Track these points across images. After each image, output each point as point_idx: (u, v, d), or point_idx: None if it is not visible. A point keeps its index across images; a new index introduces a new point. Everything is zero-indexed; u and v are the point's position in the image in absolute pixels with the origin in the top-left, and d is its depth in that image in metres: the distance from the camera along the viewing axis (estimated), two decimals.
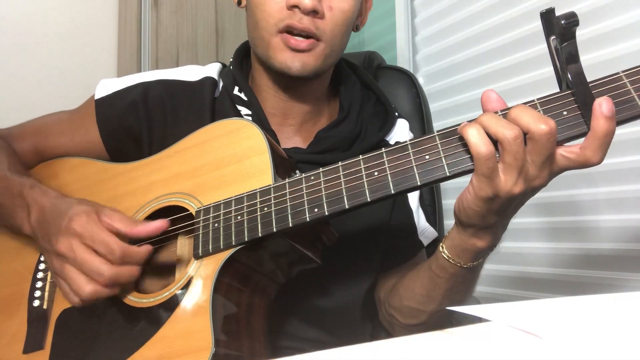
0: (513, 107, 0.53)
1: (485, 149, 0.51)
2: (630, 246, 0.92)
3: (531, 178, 0.52)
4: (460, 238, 0.61)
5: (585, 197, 1.00)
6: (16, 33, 1.52)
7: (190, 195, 0.68)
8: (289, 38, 0.72)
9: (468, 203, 0.56)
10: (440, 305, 0.70)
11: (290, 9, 0.71)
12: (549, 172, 0.53)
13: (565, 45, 0.51)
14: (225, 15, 1.79)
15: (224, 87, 0.84)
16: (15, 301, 0.73)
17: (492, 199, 0.54)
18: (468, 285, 0.69)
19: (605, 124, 0.49)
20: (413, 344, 0.34)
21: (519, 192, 0.53)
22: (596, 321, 0.38)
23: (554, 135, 0.50)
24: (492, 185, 0.53)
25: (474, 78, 1.25)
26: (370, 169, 0.58)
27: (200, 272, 0.63)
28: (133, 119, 0.80)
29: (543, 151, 0.51)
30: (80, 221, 0.63)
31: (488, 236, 0.59)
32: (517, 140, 0.50)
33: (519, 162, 0.51)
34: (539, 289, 1.08)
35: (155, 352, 0.60)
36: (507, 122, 0.51)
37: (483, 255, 0.63)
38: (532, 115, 0.50)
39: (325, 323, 0.79)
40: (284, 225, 0.60)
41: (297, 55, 0.73)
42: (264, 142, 0.66)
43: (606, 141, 0.50)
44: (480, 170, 0.52)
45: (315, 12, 0.71)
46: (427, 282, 0.69)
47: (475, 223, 0.58)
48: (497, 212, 0.56)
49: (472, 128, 0.52)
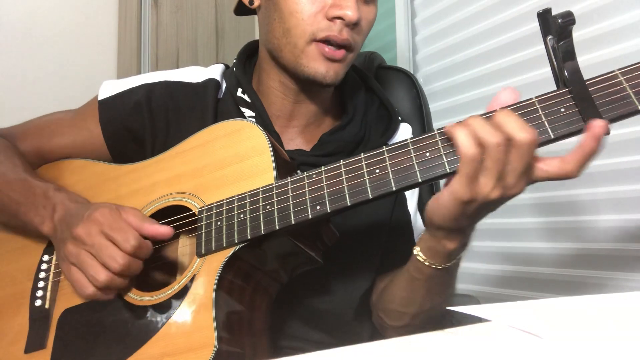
0: (498, 111, 0.54)
1: (472, 150, 0.52)
2: (630, 246, 0.92)
3: (508, 186, 0.54)
4: (432, 240, 0.62)
5: (585, 197, 1.00)
6: (16, 33, 1.52)
7: (192, 195, 0.68)
8: (324, 47, 0.72)
9: (444, 204, 0.57)
10: (421, 307, 0.71)
11: (331, 19, 0.71)
12: (526, 181, 0.54)
13: (562, 43, 0.52)
14: (225, 15, 1.79)
15: (227, 88, 0.84)
16: (17, 301, 0.73)
17: (469, 202, 0.55)
18: (446, 287, 0.70)
19: (595, 144, 0.51)
20: (413, 344, 0.34)
21: (495, 198, 0.54)
22: (596, 321, 0.38)
23: (535, 145, 0.52)
24: (471, 187, 0.54)
25: (474, 78, 1.25)
26: (371, 166, 0.58)
27: (203, 270, 0.63)
28: (136, 120, 0.81)
29: (523, 159, 0.52)
30: (103, 211, 0.64)
31: (459, 238, 0.61)
32: (499, 147, 0.52)
33: (499, 168, 0.52)
34: (539, 289, 1.09)
35: (158, 349, 0.61)
36: (492, 128, 0.52)
37: (456, 256, 0.64)
38: (517, 123, 0.52)
39: (325, 322, 0.80)
40: (286, 222, 0.60)
41: (332, 65, 0.73)
42: (265, 143, 0.66)
43: (590, 159, 0.52)
44: (465, 170, 0.53)
45: (356, 25, 0.72)
46: (406, 284, 0.70)
47: (448, 225, 0.59)
48: (470, 216, 0.57)
49: (461, 130, 0.53)
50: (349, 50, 0.74)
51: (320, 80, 0.73)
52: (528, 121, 0.54)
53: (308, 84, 0.78)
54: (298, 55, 0.73)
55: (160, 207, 0.70)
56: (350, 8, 0.70)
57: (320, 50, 0.72)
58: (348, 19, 0.70)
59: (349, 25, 0.71)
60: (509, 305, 0.42)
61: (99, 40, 1.66)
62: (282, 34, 0.74)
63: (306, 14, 0.71)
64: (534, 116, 0.54)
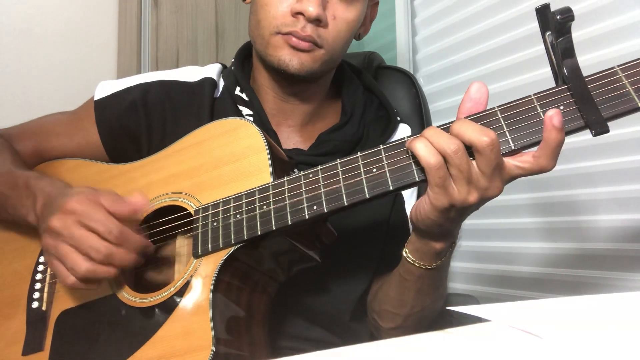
0: (454, 121, 0.55)
1: (433, 159, 0.53)
2: (630, 246, 0.92)
3: (483, 188, 0.54)
4: (419, 242, 0.63)
5: (584, 197, 1.00)
6: (16, 33, 1.52)
7: (188, 195, 0.68)
8: (290, 37, 0.72)
9: (425, 213, 0.58)
10: (412, 308, 0.71)
11: (294, 15, 0.72)
12: (501, 180, 0.55)
13: (561, 40, 0.52)
14: (225, 15, 1.79)
15: (226, 87, 0.84)
16: (14, 303, 0.73)
17: (449, 208, 0.55)
18: (436, 286, 0.70)
19: (557, 135, 0.51)
20: (413, 344, 0.34)
21: (474, 201, 0.54)
22: (595, 321, 0.38)
23: (496, 146, 0.52)
24: (446, 194, 0.54)
25: (474, 78, 1.24)
26: (368, 165, 0.58)
27: (200, 271, 0.63)
28: (132, 120, 0.80)
29: (489, 162, 0.52)
30: (79, 199, 0.61)
31: (445, 239, 0.62)
32: (457, 153, 0.52)
33: (465, 173, 0.53)
34: (539, 289, 1.08)
35: (156, 351, 0.60)
36: (448, 136, 0.53)
37: (444, 255, 0.64)
38: (474, 129, 0.52)
39: (324, 322, 0.79)
40: (283, 223, 0.60)
41: (296, 54, 0.73)
42: (262, 141, 0.66)
43: (558, 150, 0.52)
44: (433, 180, 0.54)
45: (319, 21, 0.72)
46: (397, 285, 0.71)
47: (432, 231, 0.60)
48: (453, 219, 0.58)
49: (420, 142, 0.54)
50: (318, 45, 0.73)
51: (285, 67, 0.73)
52: (526, 119, 0.53)
53: (284, 78, 0.78)
54: (265, 46, 0.75)
55: (157, 207, 0.69)
56: (311, 4, 0.70)
57: (286, 40, 0.73)
58: (308, 14, 0.70)
59: (311, 22, 0.71)
60: (509, 305, 0.42)
61: (99, 40, 1.66)
62: (255, 26, 0.76)
63: (274, 8, 0.73)
64: (532, 114, 0.53)
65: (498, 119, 0.54)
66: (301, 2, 0.71)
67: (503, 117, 0.54)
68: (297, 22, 0.72)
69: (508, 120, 0.54)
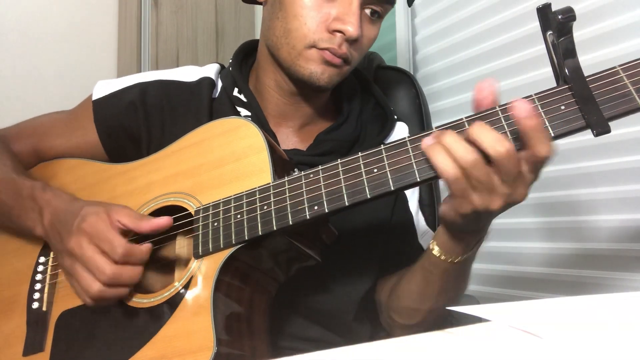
0: (472, 125, 0.52)
1: (452, 172, 0.52)
2: (630, 246, 0.92)
3: (506, 194, 0.53)
4: (447, 235, 0.62)
5: (584, 197, 1.00)
6: (16, 33, 1.52)
7: (189, 195, 0.68)
8: (325, 52, 0.72)
9: (451, 217, 0.57)
10: (436, 303, 0.70)
11: (332, 32, 0.72)
12: (523, 184, 0.54)
13: (562, 40, 0.52)
14: (225, 15, 1.79)
15: (224, 88, 0.84)
16: (14, 303, 0.73)
17: (472, 214, 0.55)
18: (460, 281, 0.70)
19: (526, 122, 0.50)
20: (413, 344, 0.34)
21: (497, 208, 0.54)
22: (595, 321, 0.38)
23: (513, 156, 0.51)
24: (468, 202, 0.54)
25: (474, 78, 1.24)
26: (369, 165, 0.58)
27: (201, 271, 0.63)
28: (131, 119, 0.80)
29: (508, 171, 0.51)
30: (91, 220, 0.63)
31: (474, 234, 0.61)
32: (476, 165, 0.51)
33: (485, 184, 0.52)
34: (539, 289, 1.08)
35: (157, 352, 0.60)
36: (466, 146, 0.52)
37: (471, 249, 0.64)
38: (491, 138, 0.51)
39: (325, 322, 0.79)
40: (284, 223, 0.60)
41: (328, 68, 0.73)
42: (262, 141, 0.66)
43: (538, 134, 0.50)
44: (454, 190, 0.53)
45: (356, 41, 0.72)
46: (420, 280, 0.70)
47: (460, 228, 0.60)
48: (480, 221, 0.58)
49: (438, 151, 0.53)
50: (346, 62, 0.75)
51: (315, 81, 0.73)
52: None
53: (301, 86, 0.78)
54: (295, 56, 0.74)
55: (157, 207, 0.69)
56: (352, 24, 0.70)
57: (321, 54, 0.73)
58: (348, 34, 0.71)
59: (348, 40, 0.72)
60: (509, 305, 0.42)
61: (99, 40, 1.66)
62: (283, 34, 0.74)
63: (310, 20, 0.72)
64: None
65: (499, 119, 0.54)
66: (342, 21, 0.71)
67: (504, 116, 0.54)
68: (334, 38, 0.72)
69: (509, 120, 0.54)
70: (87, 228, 0.63)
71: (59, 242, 0.67)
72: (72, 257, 0.64)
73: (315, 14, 0.72)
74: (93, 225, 0.63)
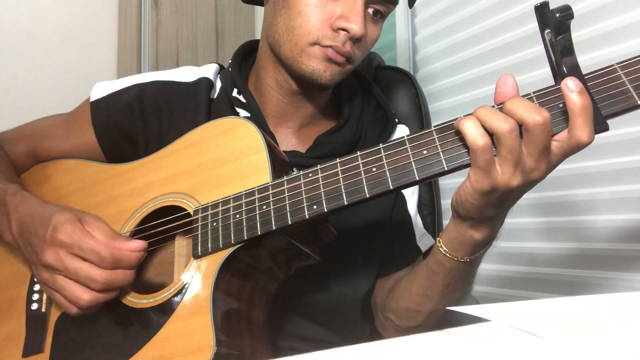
0: (509, 99, 0.52)
1: (481, 141, 0.51)
2: (630, 246, 0.92)
3: (529, 170, 0.52)
4: (457, 231, 0.61)
5: (584, 197, 1.00)
6: (16, 33, 1.52)
7: (188, 195, 0.68)
8: (328, 49, 0.72)
9: (466, 196, 0.56)
10: (438, 304, 0.69)
11: (336, 30, 0.71)
12: (547, 163, 0.53)
13: (560, 38, 0.51)
14: (225, 15, 1.79)
15: (223, 88, 0.84)
16: (13, 304, 0.73)
17: (490, 192, 0.53)
18: (465, 282, 0.68)
19: (578, 98, 0.49)
20: (413, 344, 0.34)
21: (517, 185, 0.52)
22: (595, 321, 0.38)
23: (548, 126, 0.50)
24: (489, 178, 0.52)
25: (474, 78, 1.24)
26: (368, 164, 0.58)
27: (200, 271, 0.63)
28: (128, 120, 0.80)
29: (538, 142, 0.50)
30: (66, 230, 0.61)
31: (486, 228, 0.60)
32: (512, 133, 0.50)
33: (515, 155, 0.51)
34: (539, 289, 1.08)
35: (157, 352, 0.60)
36: (502, 115, 0.51)
37: (480, 249, 0.62)
38: (527, 107, 0.50)
39: (325, 322, 0.79)
40: (283, 223, 0.60)
41: (330, 66, 0.73)
42: (260, 141, 0.65)
43: (586, 115, 0.49)
44: (477, 163, 0.52)
45: (359, 40, 0.72)
46: (424, 280, 0.69)
47: (473, 216, 0.58)
48: (495, 205, 0.56)
49: (469, 121, 0.52)
50: (349, 61, 0.74)
51: (317, 79, 0.73)
52: None
53: (302, 84, 0.78)
54: (298, 53, 0.73)
55: (156, 207, 0.69)
56: (356, 22, 0.70)
57: (324, 51, 0.72)
58: (353, 32, 0.71)
59: (352, 39, 0.72)
60: (509, 305, 0.42)
61: (99, 40, 1.66)
62: (285, 30, 0.74)
63: (314, 18, 0.72)
64: None
65: None
66: (347, 19, 0.71)
67: None
68: (338, 36, 0.72)
69: None
70: (64, 238, 0.61)
71: (31, 253, 0.65)
72: (50, 270, 0.62)
73: (320, 12, 0.72)
74: (69, 235, 0.61)
